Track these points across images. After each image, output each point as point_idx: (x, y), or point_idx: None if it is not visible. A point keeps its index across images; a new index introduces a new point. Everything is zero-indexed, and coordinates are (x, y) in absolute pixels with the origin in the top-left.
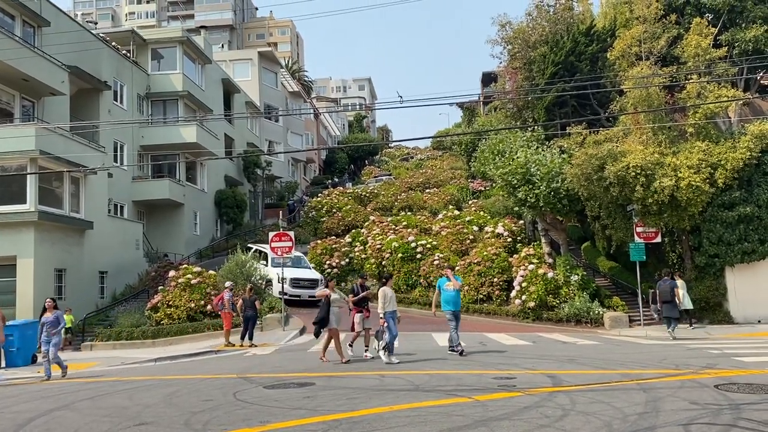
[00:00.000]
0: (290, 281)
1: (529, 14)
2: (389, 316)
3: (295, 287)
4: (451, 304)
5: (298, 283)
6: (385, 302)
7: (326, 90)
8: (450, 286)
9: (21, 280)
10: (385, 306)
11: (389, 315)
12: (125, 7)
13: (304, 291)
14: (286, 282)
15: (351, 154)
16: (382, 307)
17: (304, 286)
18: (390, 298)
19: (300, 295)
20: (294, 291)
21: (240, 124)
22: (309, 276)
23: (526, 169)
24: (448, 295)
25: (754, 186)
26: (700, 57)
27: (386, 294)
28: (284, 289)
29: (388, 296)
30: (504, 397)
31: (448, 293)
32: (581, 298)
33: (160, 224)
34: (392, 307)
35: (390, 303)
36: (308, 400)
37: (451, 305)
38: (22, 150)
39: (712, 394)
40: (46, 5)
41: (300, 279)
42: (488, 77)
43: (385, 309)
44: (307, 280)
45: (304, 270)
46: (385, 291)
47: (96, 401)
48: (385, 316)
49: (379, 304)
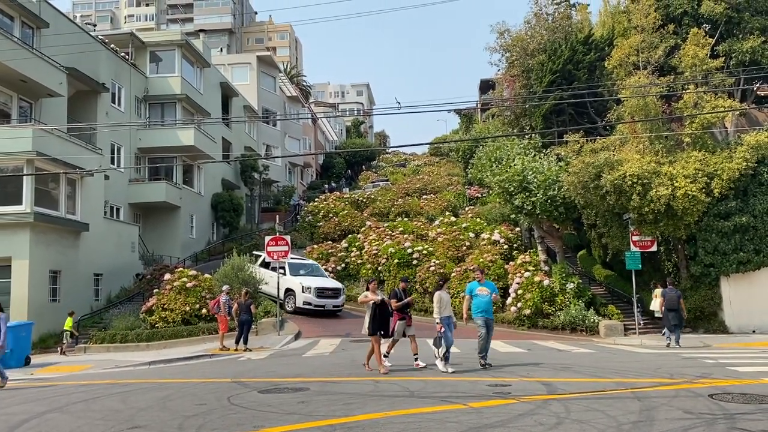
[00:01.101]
0: (315, 291)
1: (528, 22)
2: (446, 321)
3: (320, 297)
4: (483, 310)
5: (322, 292)
6: (441, 307)
7: (324, 95)
8: (484, 291)
9: (16, 281)
10: (442, 311)
11: (446, 321)
12: (124, 10)
13: (328, 301)
14: (311, 291)
15: (348, 159)
16: (438, 312)
17: (329, 295)
18: (446, 303)
19: (325, 305)
20: (319, 301)
21: (238, 127)
22: (332, 285)
23: (523, 177)
24: (480, 300)
25: (749, 196)
26: (698, 67)
27: (442, 298)
28: (308, 298)
29: (445, 301)
30: (499, 405)
31: (481, 298)
32: (577, 306)
33: (156, 227)
34: (448, 313)
35: (446, 308)
36: (303, 405)
37: (483, 312)
38: (19, 151)
39: (707, 403)
40: (45, 6)
41: (325, 288)
42: (486, 84)
43: (441, 314)
44: (331, 290)
45: (325, 279)
46: (441, 295)
47: (89, 404)
48: (441, 321)
49: (435, 310)
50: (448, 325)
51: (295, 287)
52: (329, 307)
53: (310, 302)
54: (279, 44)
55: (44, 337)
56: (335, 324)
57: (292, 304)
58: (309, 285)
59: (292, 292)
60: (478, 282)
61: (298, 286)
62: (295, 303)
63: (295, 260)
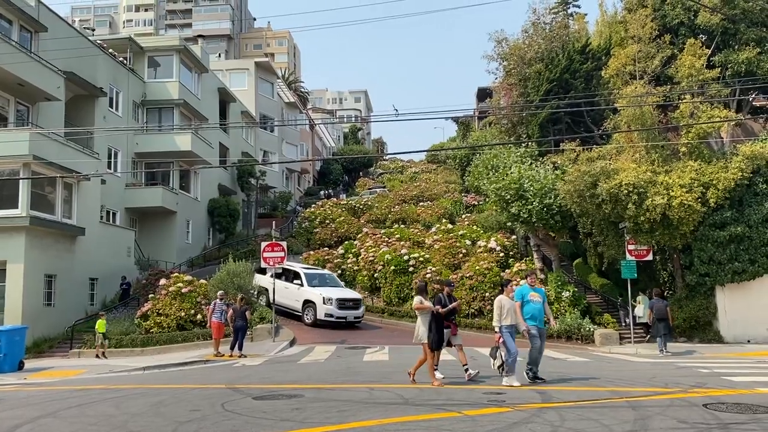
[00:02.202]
0: (336, 302)
1: (526, 31)
2: (507, 331)
3: (341, 308)
4: (536, 318)
5: (344, 303)
6: (502, 314)
7: (322, 101)
8: (536, 297)
9: (10, 285)
10: (502, 319)
11: (507, 330)
12: (123, 15)
13: (350, 312)
14: (332, 303)
15: (345, 166)
16: (498, 319)
17: (350, 306)
18: (508, 309)
19: (346, 317)
20: (341, 312)
21: (235, 133)
22: (353, 296)
23: (519, 185)
24: (533, 307)
25: (745, 206)
26: (694, 77)
27: (503, 305)
28: (330, 310)
29: (506, 307)
30: (493, 413)
31: (534, 305)
32: (572, 314)
33: (152, 232)
34: (511, 321)
35: (508, 315)
36: (297, 412)
37: (536, 320)
38: (16, 154)
39: (701, 413)
40: (44, 11)
41: (346, 299)
42: (483, 92)
43: (501, 323)
44: (352, 300)
45: (343, 289)
46: (502, 301)
47: (83, 409)
48: (501, 330)
49: (495, 317)
50: (511, 335)
51: (315, 299)
52: (350, 318)
53: (331, 314)
54: (277, 50)
55: (38, 341)
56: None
57: (312, 316)
58: (330, 296)
59: (311, 304)
60: (530, 287)
61: (319, 297)
62: (315, 315)
63: (310, 270)
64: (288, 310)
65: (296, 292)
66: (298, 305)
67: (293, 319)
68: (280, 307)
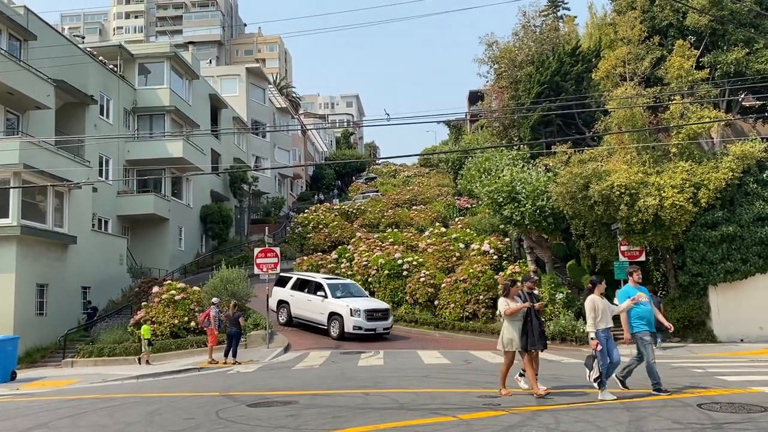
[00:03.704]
0: (365, 314)
1: (516, 34)
2: (604, 336)
3: (370, 320)
4: (647, 322)
5: (372, 314)
6: (596, 316)
7: (314, 106)
8: (644, 298)
9: (1, 295)
10: (597, 322)
11: (604, 335)
12: (113, 22)
13: (379, 323)
14: (360, 314)
15: (338, 171)
16: (592, 323)
17: (378, 317)
18: (602, 310)
19: (375, 329)
20: (369, 324)
21: (227, 139)
22: (380, 306)
23: (511, 187)
24: (643, 309)
25: (736, 206)
26: (683, 78)
27: (597, 305)
28: (358, 322)
29: (600, 308)
30: (489, 416)
31: (644, 307)
32: (566, 316)
33: (144, 239)
34: (606, 323)
35: (604, 317)
36: (292, 419)
37: (648, 324)
38: (6, 164)
39: (695, 413)
40: (33, 19)
41: (374, 310)
42: (475, 96)
43: (597, 326)
44: (381, 311)
45: (369, 299)
46: (595, 301)
47: (75, 419)
48: (598, 336)
49: (589, 320)
50: (607, 339)
51: (341, 311)
52: (380, 329)
53: (360, 326)
54: (268, 56)
55: (30, 351)
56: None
57: (338, 330)
58: (357, 307)
59: (338, 317)
60: (634, 285)
61: (345, 309)
62: (342, 328)
63: (333, 280)
64: (311, 324)
65: (320, 304)
66: (323, 318)
67: (317, 332)
68: (302, 320)
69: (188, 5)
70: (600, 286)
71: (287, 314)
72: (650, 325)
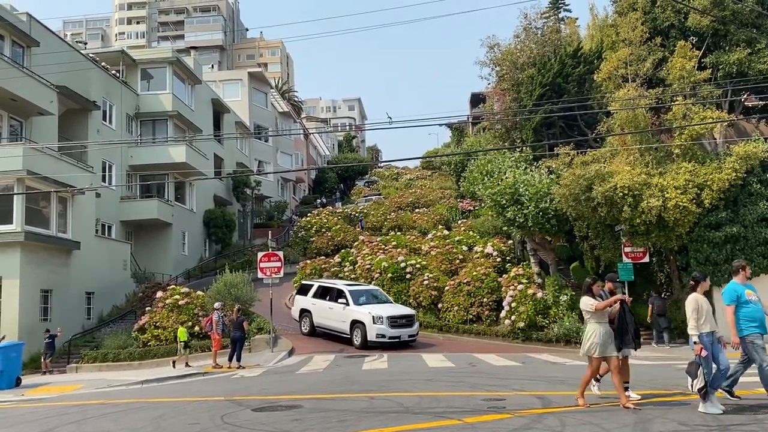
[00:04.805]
0: (388, 321)
1: (518, 36)
2: (709, 340)
3: (393, 327)
4: (760, 324)
5: (396, 321)
6: (699, 317)
7: (316, 110)
8: (753, 296)
9: (6, 301)
10: (701, 324)
11: (709, 338)
12: (115, 28)
13: (403, 330)
14: (382, 322)
15: (341, 174)
16: (695, 325)
17: (402, 324)
18: (706, 311)
19: (400, 336)
20: (393, 332)
21: (229, 143)
22: (404, 312)
23: (514, 190)
24: (753, 309)
25: (740, 206)
26: (685, 79)
27: (701, 305)
28: (381, 330)
29: (704, 309)
30: (494, 419)
31: (755, 306)
32: (570, 318)
33: (147, 244)
34: (711, 326)
35: (707, 319)
36: (296, 423)
37: (761, 327)
38: (10, 170)
39: (702, 415)
40: (35, 25)
41: (398, 316)
42: (477, 98)
43: (700, 329)
44: (405, 317)
45: (393, 305)
46: (698, 300)
47: (81, 425)
48: (701, 339)
49: (690, 322)
50: (712, 344)
51: (363, 318)
52: (404, 337)
53: (383, 334)
54: (270, 60)
55: (35, 357)
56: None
57: (360, 338)
58: (380, 314)
59: (360, 324)
60: (742, 282)
61: (368, 316)
62: (364, 336)
63: (355, 287)
64: (334, 333)
65: (342, 312)
66: (346, 326)
67: (341, 342)
68: (325, 329)
69: (190, 10)
70: (704, 283)
71: (310, 323)
72: (762, 327)
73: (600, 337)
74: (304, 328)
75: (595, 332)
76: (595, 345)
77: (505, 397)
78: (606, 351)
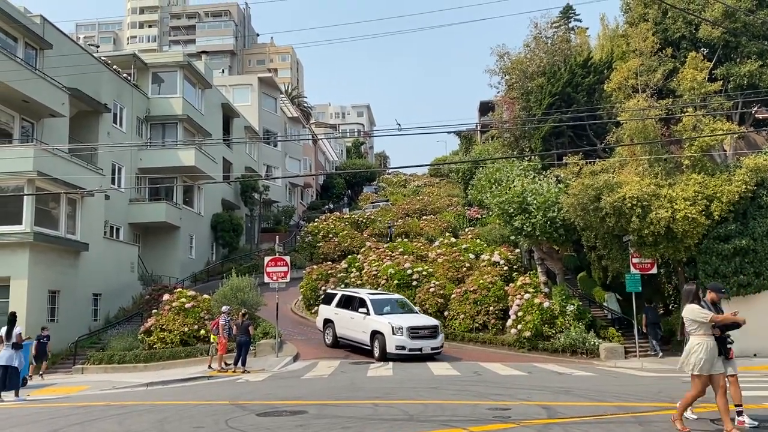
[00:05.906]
0: (408, 332)
1: (527, 45)
2: None
3: (414, 338)
4: None
5: (417, 332)
6: None
7: (325, 116)
8: None
9: (14, 301)
10: None
11: None
12: (127, 31)
13: (425, 342)
14: (402, 332)
15: (348, 180)
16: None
17: (425, 336)
18: None
19: (421, 348)
20: (414, 344)
21: (238, 148)
22: (428, 322)
23: (522, 198)
24: None
25: (749, 219)
26: (696, 90)
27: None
28: (401, 341)
29: None
30: (498, 429)
31: None
32: (577, 328)
33: (155, 247)
34: None
35: None
36: (301, 429)
37: None
38: (20, 171)
39: (709, 428)
40: (48, 28)
41: (419, 327)
42: (486, 106)
43: None
44: (428, 328)
45: (416, 315)
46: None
47: (85, 426)
48: None
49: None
50: None
51: (383, 328)
52: (427, 350)
53: (403, 346)
54: (280, 66)
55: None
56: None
57: (379, 350)
58: (400, 324)
59: (379, 335)
60: None
61: (387, 326)
62: (383, 347)
63: (378, 296)
64: (356, 344)
65: (362, 322)
66: (366, 337)
67: (363, 354)
68: (348, 340)
69: (201, 15)
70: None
71: (333, 335)
72: None
73: (708, 352)
74: (327, 339)
75: (703, 346)
76: (703, 361)
77: (511, 407)
78: (713, 368)
